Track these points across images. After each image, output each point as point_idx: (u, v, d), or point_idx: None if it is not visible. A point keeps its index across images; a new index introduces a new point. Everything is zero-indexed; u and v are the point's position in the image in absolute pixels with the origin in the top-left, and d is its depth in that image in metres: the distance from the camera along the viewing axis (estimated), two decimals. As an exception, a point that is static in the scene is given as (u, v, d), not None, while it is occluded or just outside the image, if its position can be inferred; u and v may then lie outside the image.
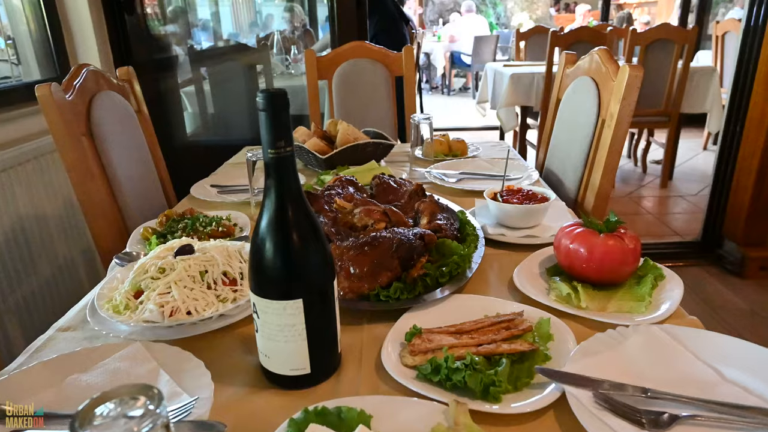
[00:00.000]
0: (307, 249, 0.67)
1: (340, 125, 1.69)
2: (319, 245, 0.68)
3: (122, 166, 1.50)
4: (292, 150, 0.64)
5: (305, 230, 0.67)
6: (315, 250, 0.68)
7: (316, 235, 0.68)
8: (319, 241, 0.68)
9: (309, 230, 0.67)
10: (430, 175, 1.57)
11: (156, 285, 0.85)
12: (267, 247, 0.65)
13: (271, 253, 0.65)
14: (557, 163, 1.65)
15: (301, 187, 0.67)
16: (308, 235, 0.67)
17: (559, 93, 1.71)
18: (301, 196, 0.66)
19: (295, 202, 0.66)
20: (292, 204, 0.66)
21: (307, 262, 0.67)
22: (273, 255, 0.65)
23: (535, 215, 1.14)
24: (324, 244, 0.69)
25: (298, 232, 0.66)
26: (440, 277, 0.91)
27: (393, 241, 0.91)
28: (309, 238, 0.67)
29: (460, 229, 1.10)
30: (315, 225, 0.68)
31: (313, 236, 0.67)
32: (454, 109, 8.07)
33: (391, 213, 1.07)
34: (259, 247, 0.66)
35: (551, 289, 0.89)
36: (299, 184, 0.66)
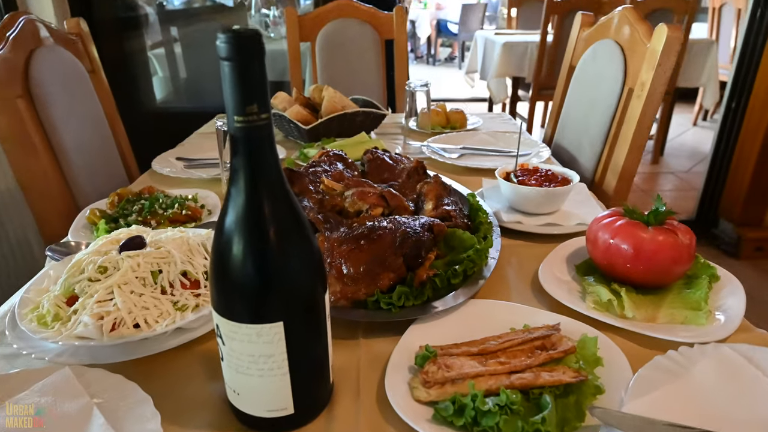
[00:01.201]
0: (289, 255, 0.49)
1: (325, 91, 1.50)
2: (306, 249, 0.51)
3: (71, 136, 1.29)
4: (269, 118, 0.46)
5: (287, 229, 0.49)
6: (301, 255, 0.50)
7: (301, 236, 0.50)
8: (307, 244, 0.51)
9: (292, 229, 0.49)
10: (428, 150, 1.39)
11: (94, 289, 0.67)
12: (234, 252, 0.48)
13: (240, 261, 0.48)
14: (570, 138, 1.48)
15: (281, 170, 0.48)
16: (291, 236, 0.49)
17: (572, 59, 1.53)
18: (281, 181, 0.48)
19: (273, 190, 0.48)
20: (268, 193, 0.48)
21: (289, 272, 0.49)
22: (242, 263, 0.48)
23: (556, 200, 0.98)
24: (313, 247, 0.51)
25: (277, 231, 0.48)
26: (452, 278, 0.74)
27: (396, 234, 0.74)
28: (292, 239, 0.49)
29: (470, 216, 0.93)
30: (300, 221, 0.50)
31: (298, 237, 0.50)
32: (440, 79, 7.82)
33: (389, 196, 0.89)
34: (222, 252, 0.48)
35: (587, 293, 0.74)
36: (278, 165, 0.48)
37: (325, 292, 0.53)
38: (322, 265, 0.53)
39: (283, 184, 0.49)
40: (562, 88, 1.58)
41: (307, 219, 0.52)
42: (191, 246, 0.74)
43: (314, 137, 1.44)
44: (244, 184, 0.47)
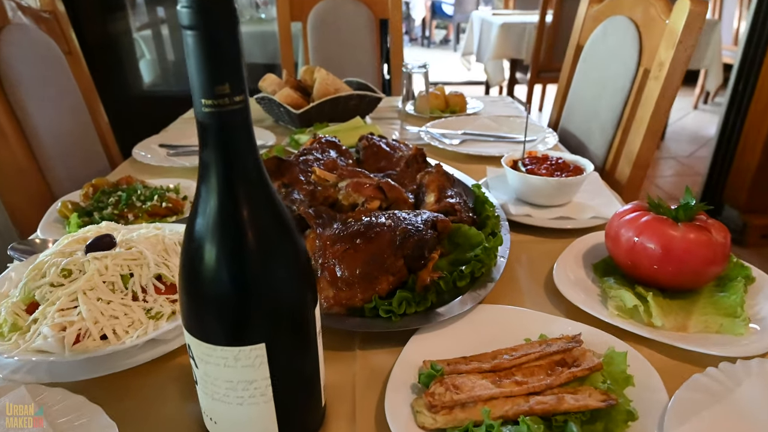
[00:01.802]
0: (272, 265, 0.41)
1: (317, 73, 1.41)
2: (291, 257, 0.43)
3: (44, 121, 1.19)
4: (244, 101, 0.38)
5: (268, 235, 0.41)
6: (285, 265, 0.42)
7: (286, 242, 0.42)
8: (292, 251, 0.43)
9: (275, 234, 0.41)
10: (427, 136, 1.31)
11: (56, 296, 0.59)
12: (205, 262, 0.40)
13: (212, 273, 0.40)
14: (578, 122, 1.40)
15: (261, 163, 0.41)
16: (274, 243, 0.41)
17: (580, 38, 1.44)
18: (261, 177, 0.41)
19: (252, 189, 0.40)
20: (245, 192, 0.40)
21: (272, 285, 0.41)
22: (215, 276, 0.40)
23: (569, 191, 0.91)
24: (300, 255, 0.44)
25: (256, 238, 0.40)
26: (459, 280, 0.67)
27: (396, 232, 0.66)
28: (275, 246, 0.41)
29: (476, 209, 0.85)
30: (284, 225, 0.42)
31: (282, 243, 0.42)
32: (434, 62, 7.68)
33: (387, 188, 0.81)
34: (192, 263, 0.40)
35: (609, 297, 0.66)
36: (257, 157, 0.40)
37: (315, 305, 0.46)
38: (311, 274, 0.46)
39: (263, 181, 0.41)
40: (568, 69, 1.50)
41: (293, 221, 0.44)
42: (167, 245, 0.66)
43: (306, 122, 1.36)
44: (215, 182, 0.39)
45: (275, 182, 0.89)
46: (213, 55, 0.35)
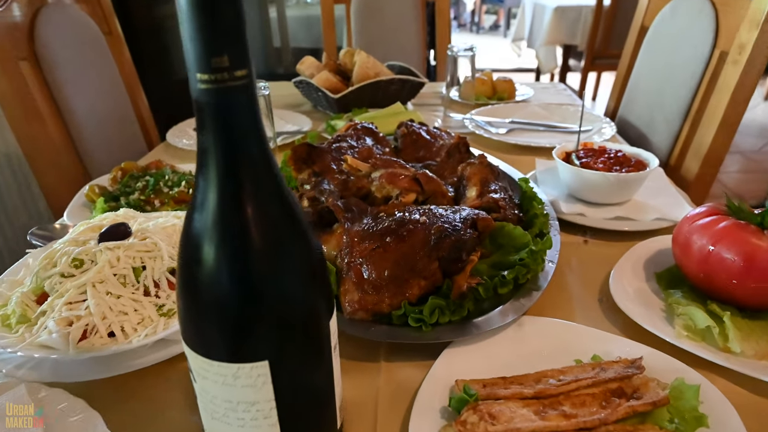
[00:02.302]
0: (278, 271, 0.35)
1: (357, 56, 1.34)
2: (302, 262, 0.37)
3: (82, 102, 1.18)
4: (248, 77, 0.32)
5: (276, 235, 0.35)
6: (294, 271, 0.36)
7: (297, 244, 0.36)
8: (304, 255, 0.37)
9: (284, 235, 0.35)
10: (472, 124, 1.23)
11: (65, 288, 0.55)
12: (203, 265, 0.34)
13: (210, 278, 0.34)
14: (640, 112, 1.28)
15: (269, 151, 0.34)
16: (282, 245, 0.35)
17: (645, 19, 1.32)
18: (269, 168, 0.34)
19: (257, 181, 0.34)
20: (249, 184, 0.34)
21: (278, 293, 0.35)
22: (212, 281, 0.34)
23: (629, 188, 0.81)
24: (312, 260, 0.38)
25: (261, 239, 0.34)
26: (500, 287, 0.60)
27: (431, 231, 0.59)
28: (283, 249, 0.35)
29: (522, 206, 0.77)
30: (296, 224, 0.36)
31: (292, 246, 0.36)
32: (483, 48, 7.48)
33: (424, 180, 0.74)
34: (188, 266, 0.35)
35: (675, 314, 0.57)
36: (265, 145, 0.34)
37: (331, 315, 0.39)
38: (326, 280, 0.39)
39: (270, 172, 0.35)
40: (629, 53, 1.37)
41: (306, 219, 0.38)
42: (183, 237, 0.62)
43: (344, 107, 1.29)
44: (214, 172, 0.33)
45: (305, 170, 0.84)
46: (209, 20, 0.29)
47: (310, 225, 0.38)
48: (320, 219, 0.71)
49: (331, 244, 0.65)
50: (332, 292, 0.40)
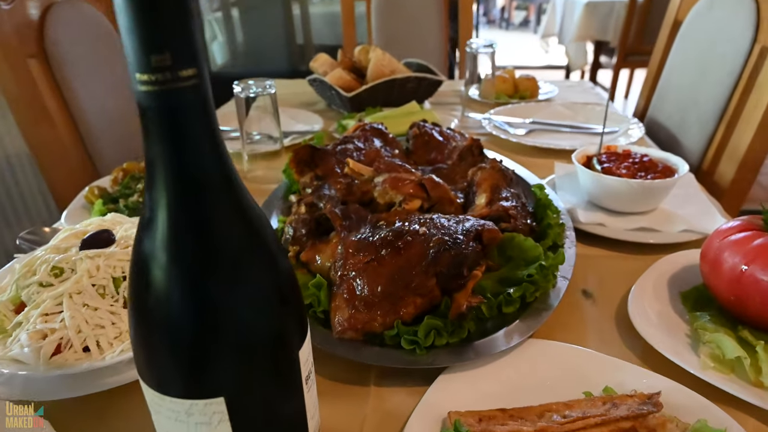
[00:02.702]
0: (233, 294, 0.31)
1: (372, 53, 1.30)
2: (265, 283, 0.33)
3: (93, 101, 1.17)
4: (199, 77, 0.27)
5: (233, 259, 0.31)
6: (256, 293, 0.32)
7: (260, 267, 0.32)
8: (268, 275, 0.33)
9: (243, 258, 0.31)
10: (489, 124, 1.17)
11: (42, 298, 0.53)
12: (151, 291, 0.30)
13: (154, 300, 0.30)
14: (671, 112, 1.20)
15: (228, 163, 0.31)
16: (239, 264, 0.31)
17: (679, 12, 1.23)
18: (228, 180, 0.31)
19: (213, 195, 0.30)
20: (203, 199, 0.30)
21: (232, 320, 0.31)
22: (156, 304, 0.30)
23: (655, 196, 0.75)
24: (280, 280, 0.33)
25: (215, 260, 0.30)
26: (505, 305, 0.55)
27: (429, 244, 0.54)
28: (241, 269, 0.31)
29: (536, 214, 0.72)
30: (261, 241, 0.32)
31: (252, 270, 0.32)
32: (513, 45, 7.33)
33: (430, 185, 0.70)
34: (137, 288, 0.31)
35: (701, 341, 0.51)
36: (223, 155, 0.30)
37: (302, 343, 0.35)
38: (297, 304, 0.35)
39: (231, 184, 0.31)
40: (661, 49, 1.29)
41: (274, 236, 0.34)
42: (169, 245, 0.58)
43: (357, 106, 1.25)
44: (162, 188, 0.29)
45: (308, 174, 0.80)
46: (146, 11, 0.25)
47: (280, 244, 0.34)
48: (318, 227, 0.67)
49: (326, 254, 0.61)
50: (304, 318, 0.36)
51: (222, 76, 3.07)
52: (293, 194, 0.83)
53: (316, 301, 0.55)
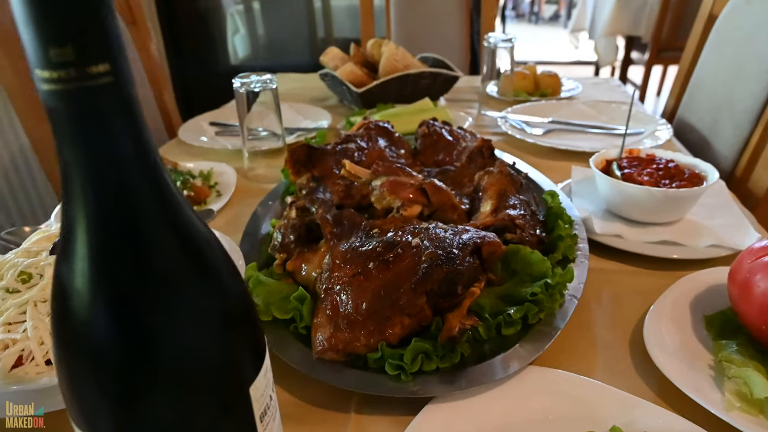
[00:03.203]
0: (156, 330, 0.27)
1: (385, 47, 1.24)
2: (200, 315, 0.28)
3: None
4: (115, 74, 0.23)
5: (156, 284, 0.26)
6: (192, 326, 0.28)
7: (194, 295, 0.28)
8: (205, 306, 0.28)
9: (169, 285, 0.27)
10: (506, 123, 1.11)
11: (6, 306, 0.50)
12: (67, 314, 0.26)
13: (72, 332, 0.26)
14: (702, 112, 1.12)
15: (160, 172, 0.26)
16: (165, 298, 0.27)
17: (714, 6, 1.15)
18: (159, 188, 0.26)
19: (138, 208, 0.26)
20: (126, 213, 0.25)
21: (169, 358, 0.27)
22: (75, 337, 0.26)
23: (680, 207, 0.68)
24: (229, 305, 0.29)
25: (142, 288, 0.26)
26: (504, 327, 0.49)
27: (420, 258, 0.49)
28: (174, 296, 0.27)
29: (547, 223, 0.66)
30: (197, 268, 0.28)
31: (183, 298, 0.27)
32: (541, 40, 7.17)
33: (431, 190, 0.64)
34: (57, 315, 0.27)
35: (726, 375, 0.45)
36: (153, 162, 0.26)
37: (254, 378, 0.31)
38: (252, 333, 0.31)
39: (163, 193, 0.27)
40: (694, 45, 1.20)
41: (222, 259, 0.29)
42: (144, 251, 0.55)
43: (368, 102, 1.20)
44: (80, 199, 0.25)
45: (304, 174, 0.76)
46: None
47: (229, 265, 0.30)
48: (309, 233, 0.63)
49: (313, 263, 0.57)
50: (261, 347, 0.32)
51: (243, 69, 3.06)
52: (290, 195, 0.79)
53: (298, 316, 0.51)
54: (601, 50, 3.67)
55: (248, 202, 0.82)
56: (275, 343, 0.50)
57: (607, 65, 3.86)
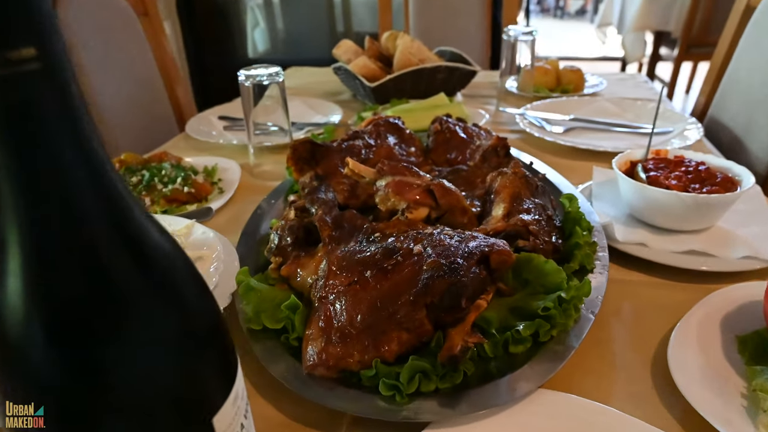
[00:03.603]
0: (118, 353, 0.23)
1: (400, 40, 1.20)
2: (164, 336, 0.25)
3: (107, 88, 1.13)
4: (47, 59, 0.20)
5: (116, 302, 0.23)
6: (144, 353, 0.24)
7: (156, 315, 0.24)
8: (170, 326, 0.25)
9: (129, 296, 0.23)
10: (524, 121, 1.06)
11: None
12: (8, 344, 0.23)
13: (15, 365, 0.23)
14: (736, 111, 1.05)
15: (107, 172, 0.23)
16: (124, 318, 0.23)
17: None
18: (109, 200, 0.23)
19: (83, 218, 0.22)
20: (69, 225, 0.22)
21: (118, 386, 0.24)
22: (18, 371, 0.23)
23: (711, 213, 0.63)
24: (192, 327, 0.26)
25: (88, 310, 0.22)
26: (512, 344, 0.45)
27: (421, 267, 0.45)
28: (125, 324, 0.24)
29: (563, 230, 0.61)
30: (163, 283, 0.24)
31: (143, 319, 0.24)
32: (567, 35, 7.02)
33: (440, 192, 0.60)
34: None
35: (761, 408, 0.40)
36: (101, 164, 0.22)
37: (222, 404, 0.27)
38: (219, 357, 0.27)
39: (111, 201, 0.23)
40: (729, 38, 1.13)
41: (183, 266, 0.26)
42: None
43: (382, 98, 1.16)
44: (9, 208, 0.22)
45: (307, 172, 0.72)
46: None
47: (197, 282, 0.26)
48: (308, 235, 0.59)
49: (308, 269, 0.53)
50: (226, 373, 0.28)
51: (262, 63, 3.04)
52: (293, 194, 0.75)
53: (290, 326, 0.48)
54: (629, 46, 3.56)
55: (252, 200, 0.79)
56: (264, 354, 0.47)
57: (634, 61, 3.75)
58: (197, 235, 0.62)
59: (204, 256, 0.58)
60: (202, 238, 0.61)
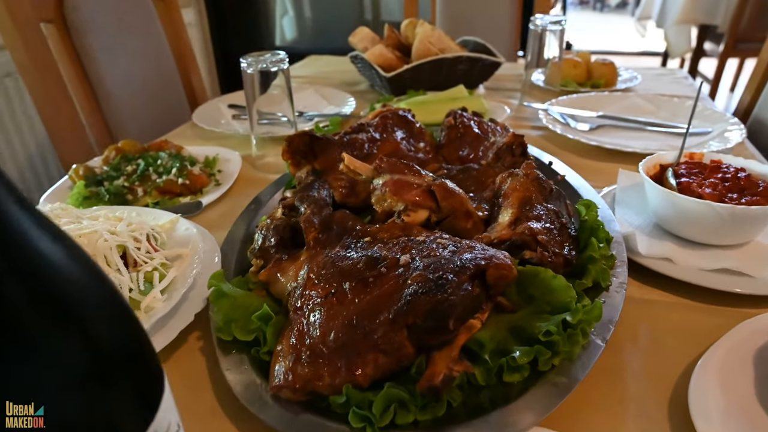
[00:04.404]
0: None
1: (419, 28, 1.14)
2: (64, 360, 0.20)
3: (116, 73, 1.11)
4: None
5: None
6: (30, 390, 0.20)
7: (50, 337, 0.20)
8: (72, 350, 0.20)
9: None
10: (548, 116, 0.99)
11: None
12: None
13: None
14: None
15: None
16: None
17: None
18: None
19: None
20: None
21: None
22: None
23: (750, 226, 0.55)
24: (100, 351, 0.21)
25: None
26: (507, 373, 0.39)
27: (405, 282, 0.40)
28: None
29: (577, 240, 0.55)
30: (50, 306, 0.20)
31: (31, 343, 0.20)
32: (606, 28, 6.78)
33: (441, 193, 0.55)
34: None
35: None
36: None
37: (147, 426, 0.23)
38: (138, 381, 0.23)
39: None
40: (779, 32, 1.03)
41: (93, 284, 0.22)
42: (98, 250, 0.48)
43: (398, 88, 1.11)
44: None
45: (304, 167, 0.67)
46: None
47: (115, 301, 0.22)
48: (294, 237, 0.55)
49: (289, 274, 0.48)
50: (153, 395, 0.24)
51: (290, 51, 3.01)
52: (291, 189, 0.71)
53: (262, 338, 0.43)
54: (672, 39, 3.39)
55: (250, 193, 0.75)
56: (230, 368, 0.42)
57: (678, 56, 3.57)
58: (180, 231, 0.58)
59: (184, 255, 0.54)
60: (185, 235, 0.57)
